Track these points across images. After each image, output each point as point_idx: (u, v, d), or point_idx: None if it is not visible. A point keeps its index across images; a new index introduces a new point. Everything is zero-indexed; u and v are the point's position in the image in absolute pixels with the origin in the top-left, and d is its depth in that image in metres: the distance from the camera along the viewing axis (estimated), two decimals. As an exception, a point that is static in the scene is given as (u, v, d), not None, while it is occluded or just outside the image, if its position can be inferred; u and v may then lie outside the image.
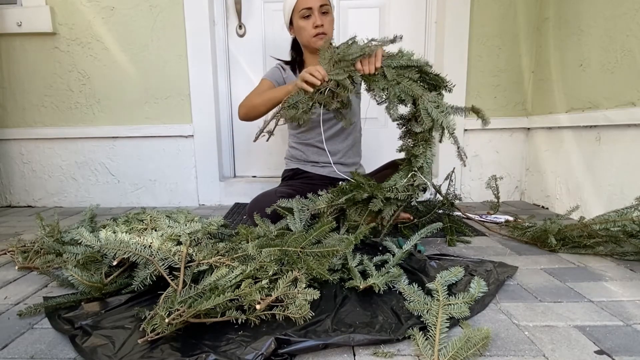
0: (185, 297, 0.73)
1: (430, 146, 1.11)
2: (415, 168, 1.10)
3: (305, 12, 1.33)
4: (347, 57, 1.09)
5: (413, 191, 1.12)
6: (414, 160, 1.12)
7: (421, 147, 1.11)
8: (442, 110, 1.03)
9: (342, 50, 1.11)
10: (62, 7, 1.84)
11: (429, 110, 1.03)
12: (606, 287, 0.91)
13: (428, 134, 1.11)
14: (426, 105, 1.04)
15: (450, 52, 1.83)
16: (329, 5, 1.36)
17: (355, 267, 0.92)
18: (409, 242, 1.05)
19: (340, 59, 1.11)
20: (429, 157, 1.10)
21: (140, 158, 1.96)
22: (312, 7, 1.32)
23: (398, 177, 1.12)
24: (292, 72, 1.47)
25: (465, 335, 0.64)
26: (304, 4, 1.33)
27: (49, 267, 1.04)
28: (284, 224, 1.15)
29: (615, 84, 1.36)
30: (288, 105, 1.14)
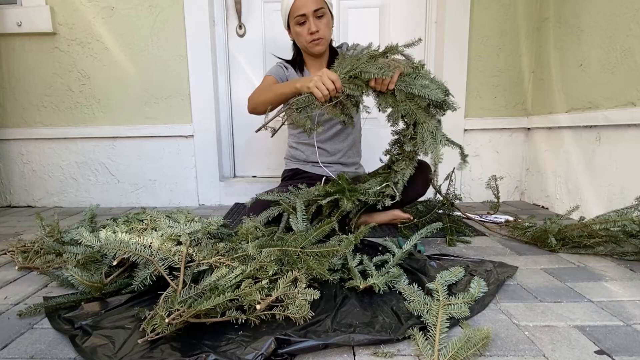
0: (185, 297, 0.73)
1: (412, 164, 1.15)
2: (391, 181, 1.15)
3: (300, 19, 1.32)
4: (364, 74, 1.06)
5: (382, 198, 1.15)
6: (393, 174, 1.16)
7: (403, 164, 1.15)
8: (438, 140, 1.05)
9: (361, 67, 1.06)
10: (62, 7, 1.84)
11: (424, 138, 1.05)
12: (606, 287, 0.91)
13: (414, 154, 1.15)
14: (424, 133, 1.06)
15: (450, 52, 1.83)
16: (324, 7, 1.33)
17: (355, 267, 0.92)
18: (408, 242, 1.05)
19: (356, 75, 1.07)
20: (407, 175, 1.14)
21: (140, 158, 1.96)
22: (306, 14, 1.30)
23: (374, 183, 1.16)
24: (294, 70, 1.46)
25: (465, 335, 0.64)
26: (297, 10, 1.31)
27: (49, 267, 1.04)
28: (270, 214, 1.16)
29: (615, 84, 1.36)
30: (297, 107, 1.10)
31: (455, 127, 1.88)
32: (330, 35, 1.39)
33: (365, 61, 1.07)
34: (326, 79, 1.05)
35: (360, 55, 1.11)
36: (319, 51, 1.39)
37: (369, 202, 1.14)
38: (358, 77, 1.07)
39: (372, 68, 1.04)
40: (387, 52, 1.12)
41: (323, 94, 1.06)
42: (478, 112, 1.89)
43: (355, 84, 1.07)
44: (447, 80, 1.84)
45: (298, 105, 1.09)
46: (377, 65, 1.05)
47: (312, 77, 1.08)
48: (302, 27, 1.33)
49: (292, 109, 1.10)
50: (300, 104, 1.09)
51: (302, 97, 1.09)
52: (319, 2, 1.31)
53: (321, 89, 1.05)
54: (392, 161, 1.20)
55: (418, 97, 1.07)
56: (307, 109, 1.09)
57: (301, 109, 1.09)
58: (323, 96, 1.06)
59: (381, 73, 1.03)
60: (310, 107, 1.09)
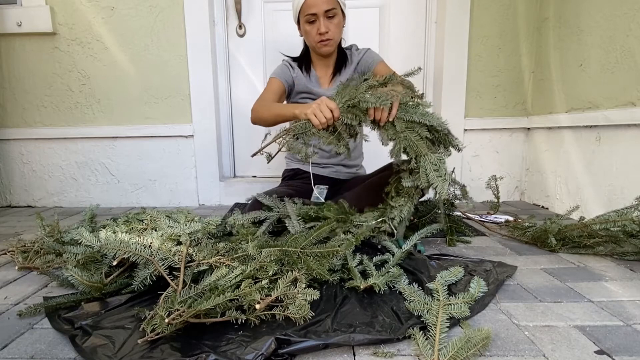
0: (185, 297, 0.73)
1: (411, 202, 1.10)
2: (388, 217, 1.10)
3: (310, 18, 1.30)
4: (362, 103, 1.04)
5: (378, 234, 1.11)
6: (389, 210, 1.11)
7: (401, 200, 1.10)
8: (440, 175, 1.00)
9: (359, 96, 1.05)
10: (62, 7, 1.84)
11: (427, 171, 1.00)
12: (606, 287, 0.91)
13: (414, 191, 1.09)
14: (426, 166, 1.01)
15: (450, 52, 1.83)
16: (336, 8, 1.30)
17: (355, 267, 0.92)
18: (408, 242, 1.05)
19: (354, 105, 1.06)
20: (405, 212, 1.09)
21: (140, 158, 1.96)
22: (317, 13, 1.28)
23: (370, 216, 1.11)
24: (300, 70, 1.44)
25: (465, 335, 0.64)
26: (308, 9, 1.28)
27: (49, 267, 1.04)
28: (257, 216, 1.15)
29: (615, 84, 1.36)
30: (294, 134, 1.09)
31: (455, 127, 1.88)
32: (340, 36, 1.37)
33: (363, 90, 1.06)
34: (324, 107, 1.04)
35: (359, 85, 1.10)
36: (327, 52, 1.38)
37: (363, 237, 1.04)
38: (356, 107, 1.06)
39: (370, 98, 1.03)
40: (386, 82, 1.11)
41: (321, 122, 1.05)
42: (478, 112, 1.89)
43: (353, 114, 1.06)
44: (447, 80, 1.86)
45: (295, 131, 1.08)
46: (376, 95, 1.03)
47: (311, 105, 1.08)
48: (312, 26, 1.31)
49: (289, 134, 1.09)
50: (297, 131, 1.08)
51: (300, 124, 1.08)
52: (332, 2, 1.28)
53: (319, 117, 1.04)
54: (390, 196, 1.15)
55: (419, 126, 1.04)
56: (304, 136, 1.08)
57: (298, 136, 1.08)
58: (321, 124, 1.05)
59: (379, 102, 1.02)
60: (307, 134, 1.08)
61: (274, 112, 1.23)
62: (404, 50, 1.96)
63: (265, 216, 1.16)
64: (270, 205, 1.19)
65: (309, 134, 1.08)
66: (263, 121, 1.29)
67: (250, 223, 1.14)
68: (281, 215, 1.16)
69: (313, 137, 1.09)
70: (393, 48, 1.95)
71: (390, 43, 1.95)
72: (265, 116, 1.27)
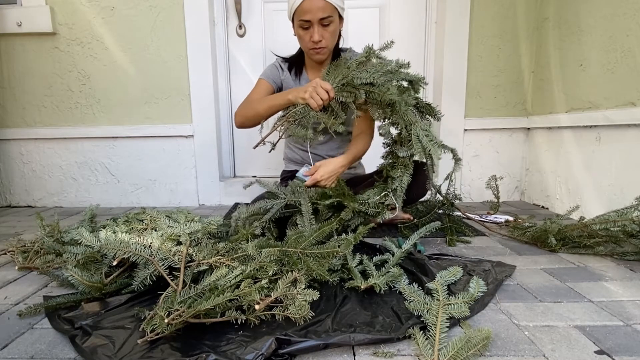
0: (185, 297, 0.73)
1: (407, 171, 1.14)
2: (389, 189, 1.13)
3: (304, 24, 1.22)
4: (356, 80, 1.09)
5: (382, 209, 1.14)
6: (391, 181, 1.15)
7: (399, 171, 1.14)
8: (431, 139, 1.06)
9: (351, 74, 1.10)
10: (62, 7, 1.84)
11: (420, 137, 1.06)
12: (606, 287, 0.91)
13: (408, 160, 1.14)
14: (418, 132, 1.06)
15: (450, 52, 1.83)
16: (333, 15, 1.22)
17: (355, 267, 0.92)
18: (408, 241, 1.05)
19: (348, 83, 1.10)
20: (404, 182, 1.13)
21: (140, 158, 1.96)
22: (311, 20, 1.21)
23: (372, 193, 1.15)
24: (289, 72, 1.41)
25: (465, 335, 0.65)
26: (302, 14, 1.21)
27: (49, 267, 1.03)
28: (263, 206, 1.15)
29: (615, 84, 1.36)
30: (294, 119, 1.12)
31: (455, 127, 1.88)
32: (334, 43, 1.31)
33: (355, 67, 1.11)
34: (320, 89, 1.08)
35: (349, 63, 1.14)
36: (319, 60, 1.33)
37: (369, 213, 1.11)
38: (350, 84, 1.10)
39: (363, 74, 1.09)
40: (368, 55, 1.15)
41: (318, 104, 1.08)
42: (478, 112, 1.89)
43: (347, 91, 1.11)
44: (447, 80, 1.86)
45: (295, 117, 1.12)
46: (366, 70, 1.09)
47: (306, 88, 1.10)
48: (305, 32, 1.25)
49: (289, 121, 1.12)
50: (297, 116, 1.12)
51: (299, 109, 1.12)
52: (328, 10, 1.20)
53: (316, 99, 1.08)
54: (387, 172, 1.19)
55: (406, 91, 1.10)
56: (304, 120, 1.12)
57: (298, 120, 1.12)
58: (318, 106, 1.09)
59: (373, 78, 1.08)
60: (306, 117, 1.12)
61: (266, 104, 1.22)
62: (404, 50, 1.95)
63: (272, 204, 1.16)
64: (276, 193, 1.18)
65: (308, 117, 1.12)
66: (251, 120, 1.27)
67: (254, 216, 1.14)
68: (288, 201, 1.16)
69: (312, 120, 1.12)
70: (393, 48, 1.94)
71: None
72: (253, 114, 1.25)
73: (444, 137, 1.89)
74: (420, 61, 1.96)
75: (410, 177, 1.15)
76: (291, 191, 1.17)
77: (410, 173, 1.15)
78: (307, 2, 1.18)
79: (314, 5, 1.18)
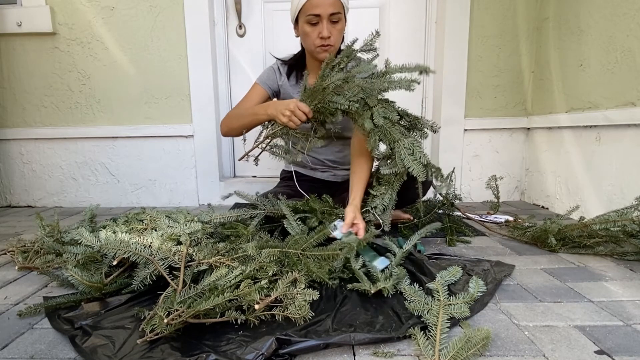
0: (185, 298, 0.73)
1: (392, 190, 1.11)
2: (370, 206, 1.11)
3: (313, 19, 1.18)
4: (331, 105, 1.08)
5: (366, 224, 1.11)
6: (371, 198, 1.12)
7: (382, 188, 1.12)
8: (415, 158, 1.02)
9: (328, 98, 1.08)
10: (62, 7, 1.84)
11: (402, 155, 1.03)
12: (606, 287, 0.91)
13: (394, 178, 1.11)
14: (400, 151, 1.03)
15: (450, 52, 1.83)
16: (341, 13, 1.20)
17: (359, 270, 0.91)
18: (408, 242, 1.05)
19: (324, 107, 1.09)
20: (387, 199, 1.10)
21: (140, 158, 1.96)
22: (321, 15, 1.17)
23: None
24: (287, 77, 1.37)
25: (465, 335, 0.64)
26: (312, 9, 1.17)
27: (49, 267, 1.03)
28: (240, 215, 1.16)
29: (615, 84, 1.36)
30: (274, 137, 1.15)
31: (455, 127, 1.88)
32: (339, 44, 1.28)
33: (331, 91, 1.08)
34: (298, 111, 1.08)
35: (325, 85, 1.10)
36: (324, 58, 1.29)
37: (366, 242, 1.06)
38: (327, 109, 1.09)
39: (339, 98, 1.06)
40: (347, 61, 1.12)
41: (296, 124, 1.09)
42: (478, 112, 1.89)
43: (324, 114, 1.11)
44: (447, 80, 1.86)
45: (274, 136, 1.15)
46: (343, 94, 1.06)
47: (284, 109, 1.09)
48: (313, 28, 1.20)
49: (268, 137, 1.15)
50: (277, 135, 1.14)
51: (278, 129, 1.14)
52: (338, 6, 1.19)
53: (294, 120, 1.09)
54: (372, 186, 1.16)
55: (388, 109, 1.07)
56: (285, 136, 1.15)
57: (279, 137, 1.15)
58: (296, 126, 1.10)
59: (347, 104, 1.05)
60: (287, 135, 1.14)
61: (247, 120, 1.22)
62: (404, 50, 1.96)
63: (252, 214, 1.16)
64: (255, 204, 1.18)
65: (287, 136, 1.14)
66: (235, 130, 1.27)
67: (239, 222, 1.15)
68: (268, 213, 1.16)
69: (292, 137, 1.14)
70: (393, 48, 1.95)
71: (390, 43, 1.95)
72: (237, 126, 1.25)
73: (444, 138, 1.89)
74: (420, 61, 1.96)
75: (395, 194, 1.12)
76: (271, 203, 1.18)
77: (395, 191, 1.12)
78: None
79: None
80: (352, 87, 1.06)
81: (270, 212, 1.16)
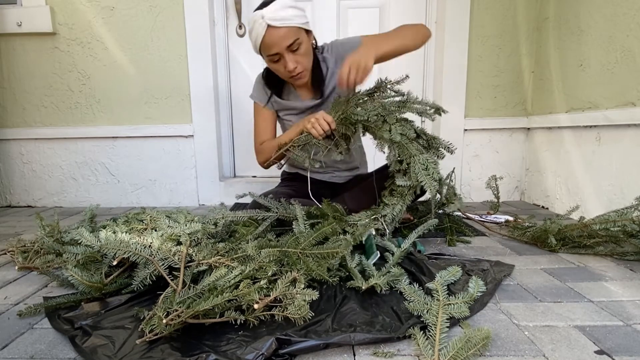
0: (184, 298, 0.73)
1: (403, 201, 1.15)
2: (380, 214, 1.15)
3: (274, 57, 1.17)
4: (352, 117, 1.15)
5: None
6: (383, 207, 1.17)
7: (394, 199, 1.16)
8: (428, 174, 1.06)
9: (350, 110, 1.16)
10: (62, 7, 1.84)
11: (416, 170, 1.07)
12: (606, 287, 0.91)
13: (406, 190, 1.15)
14: (415, 166, 1.08)
15: (450, 52, 1.83)
16: (299, 37, 1.15)
17: (354, 268, 0.92)
18: (407, 240, 1.05)
19: (346, 118, 1.16)
20: (397, 210, 1.14)
21: (140, 158, 1.96)
22: (280, 52, 1.15)
23: (364, 216, 1.16)
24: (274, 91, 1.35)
25: (465, 335, 0.64)
26: (268, 49, 1.15)
27: (49, 267, 1.03)
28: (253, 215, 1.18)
29: (615, 84, 1.36)
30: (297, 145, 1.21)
31: (455, 127, 1.88)
32: (310, 62, 1.24)
33: (354, 104, 1.18)
34: (322, 121, 1.14)
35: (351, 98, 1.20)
36: (302, 83, 1.27)
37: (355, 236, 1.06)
38: (348, 119, 1.17)
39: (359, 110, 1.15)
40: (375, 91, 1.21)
41: (319, 134, 1.15)
42: (478, 112, 1.89)
43: (346, 125, 1.18)
44: (447, 80, 1.86)
45: (298, 143, 1.21)
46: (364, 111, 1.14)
47: (310, 119, 1.16)
48: (278, 64, 1.20)
49: (294, 146, 1.22)
50: (300, 142, 1.21)
51: (302, 136, 1.20)
52: (292, 34, 1.13)
53: (317, 129, 1.15)
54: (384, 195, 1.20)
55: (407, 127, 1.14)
56: (307, 146, 1.21)
57: (301, 146, 1.22)
58: (319, 135, 1.16)
59: (367, 116, 1.13)
60: (309, 144, 1.20)
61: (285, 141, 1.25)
62: (404, 50, 1.96)
63: (264, 216, 1.17)
64: (268, 206, 1.19)
65: (311, 144, 1.20)
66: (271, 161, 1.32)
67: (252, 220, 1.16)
68: (280, 216, 1.17)
69: (314, 147, 1.20)
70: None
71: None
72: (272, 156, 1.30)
73: (444, 137, 1.88)
74: (420, 61, 1.96)
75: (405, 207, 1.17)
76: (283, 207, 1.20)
77: (406, 204, 1.16)
78: (268, 36, 1.12)
79: (275, 37, 1.12)
80: (374, 103, 1.17)
81: (283, 215, 1.18)
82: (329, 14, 1.92)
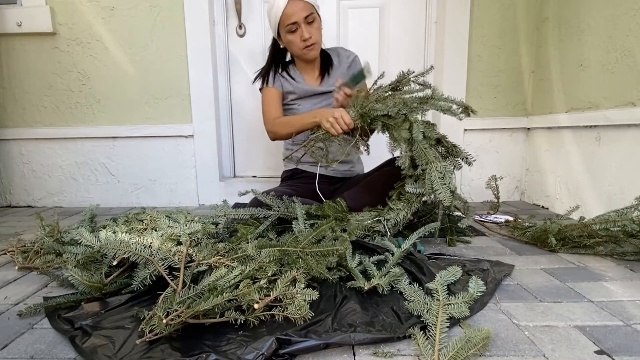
0: (184, 298, 0.73)
1: (409, 208, 1.14)
2: (384, 217, 1.14)
3: (292, 27, 1.32)
4: (372, 112, 1.14)
5: (372, 233, 1.14)
6: (387, 210, 1.16)
7: (401, 204, 1.14)
8: (444, 183, 1.01)
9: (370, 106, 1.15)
10: (62, 7, 1.84)
11: (432, 178, 1.02)
12: (606, 287, 0.91)
13: (414, 197, 1.13)
14: (432, 174, 1.02)
15: (450, 52, 1.83)
16: (314, 13, 1.34)
17: (355, 268, 0.92)
18: (407, 241, 1.05)
19: (365, 113, 1.15)
20: (401, 216, 1.13)
21: (140, 158, 1.96)
22: (298, 21, 1.31)
23: (367, 216, 1.16)
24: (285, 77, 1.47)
25: (465, 335, 0.64)
26: (288, 19, 1.31)
27: (49, 267, 1.04)
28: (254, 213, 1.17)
29: (615, 84, 1.36)
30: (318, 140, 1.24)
31: (455, 127, 1.88)
32: (321, 38, 1.40)
33: (374, 100, 1.17)
34: (341, 120, 1.18)
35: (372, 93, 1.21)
36: (313, 56, 1.41)
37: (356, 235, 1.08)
38: (367, 115, 1.15)
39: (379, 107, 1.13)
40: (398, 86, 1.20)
41: (338, 132, 1.19)
42: (478, 112, 1.88)
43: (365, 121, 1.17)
44: (447, 80, 1.86)
45: (317, 139, 1.25)
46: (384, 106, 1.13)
47: (329, 116, 1.19)
48: (294, 34, 1.34)
49: (315, 141, 1.26)
50: (319, 139, 1.25)
51: (321, 134, 1.23)
52: (308, 8, 1.32)
53: (336, 128, 1.18)
54: (392, 199, 1.19)
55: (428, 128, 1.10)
56: (326, 142, 1.25)
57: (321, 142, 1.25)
58: (338, 134, 1.19)
59: (387, 110, 1.11)
60: (328, 140, 1.24)
61: (297, 126, 1.33)
62: (404, 50, 1.96)
63: (265, 214, 1.17)
64: (270, 204, 1.19)
65: (329, 141, 1.24)
66: (285, 137, 1.41)
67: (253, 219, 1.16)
68: (282, 214, 1.17)
69: (333, 143, 1.25)
70: (393, 48, 1.95)
71: (390, 43, 1.95)
72: (289, 130, 1.36)
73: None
74: (420, 61, 1.96)
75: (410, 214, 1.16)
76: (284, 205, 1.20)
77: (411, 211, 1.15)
78: (289, 7, 1.29)
79: (295, 7, 1.30)
80: (395, 99, 1.14)
81: (284, 213, 1.18)
82: (329, 14, 1.92)
